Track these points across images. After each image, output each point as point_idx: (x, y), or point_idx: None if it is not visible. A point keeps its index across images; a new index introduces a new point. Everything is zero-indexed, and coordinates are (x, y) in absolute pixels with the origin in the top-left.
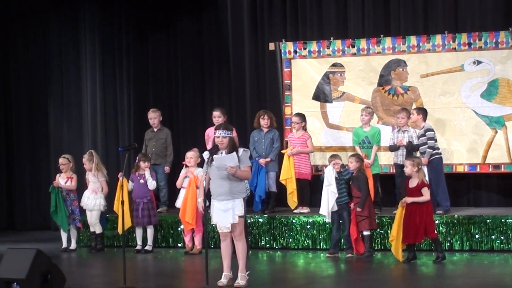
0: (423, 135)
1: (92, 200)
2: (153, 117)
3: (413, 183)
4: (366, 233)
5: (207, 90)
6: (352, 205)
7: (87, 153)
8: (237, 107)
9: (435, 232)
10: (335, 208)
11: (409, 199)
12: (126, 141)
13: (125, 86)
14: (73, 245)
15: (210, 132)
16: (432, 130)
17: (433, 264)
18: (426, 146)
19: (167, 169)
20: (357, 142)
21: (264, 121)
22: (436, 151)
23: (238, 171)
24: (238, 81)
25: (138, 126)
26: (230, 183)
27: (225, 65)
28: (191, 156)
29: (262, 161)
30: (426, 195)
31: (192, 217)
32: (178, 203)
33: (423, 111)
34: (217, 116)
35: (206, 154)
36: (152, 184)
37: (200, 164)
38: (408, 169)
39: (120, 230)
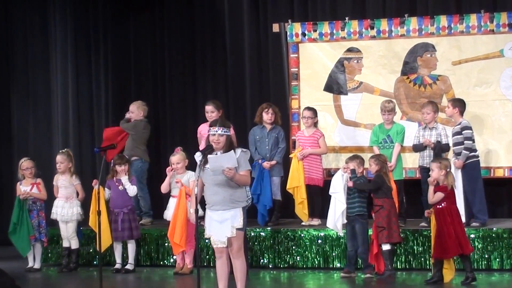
0: (459, 133)
1: (68, 209)
2: (131, 109)
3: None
4: (385, 247)
5: (199, 80)
6: (373, 214)
7: (63, 151)
8: (235, 100)
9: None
10: (344, 221)
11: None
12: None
13: (103, 75)
14: (37, 264)
15: (203, 129)
16: (470, 128)
17: (462, 287)
18: (462, 146)
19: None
20: (376, 142)
21: (267, 116)
22: (473, 153)
23: (237, 174)
24: (236, 70)
25: (118, 122)
26: (227, 190)
27: (221, 51)
28: (176, 160)
29: (266, 164)
30: (436, 198)
31: (181, 237)
32: (168, 215)
33: (459, 103)
34: (210, 111)
35: (198, 156)
36: (132, 190)
37: (192, 167)
38: (434, 173)
39: (98, 248)
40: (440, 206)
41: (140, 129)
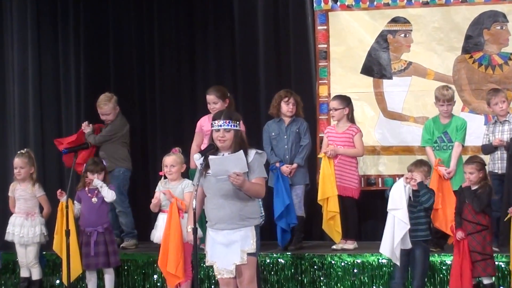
0: None
1: (28, 229)
2: (105, 112)
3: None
4: (487, 281)
5: (199, 61)
6: (460, 234)
7: (22, 152)
8: (246, 87)
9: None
10: (408, 246)
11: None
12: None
13: (72, 56)
14: None
15: (204, 123)
16: None
17: None
18: None
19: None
20: (430, 141)
21: (287, 107)
22: None
23: (247, 182)
24: (246, 47)
25: (92, 115)
26: (236, 202)
27: (227, 23)
28: (171, 162)
29: (285, 168)
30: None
31: (177, 265)
32: (156, 236)
33: None
34: (212, 102)
35: (197, 157)
36: (110, 194)
37: (188, 174)
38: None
39: (65, 279)
40: None
41: (120, 128)
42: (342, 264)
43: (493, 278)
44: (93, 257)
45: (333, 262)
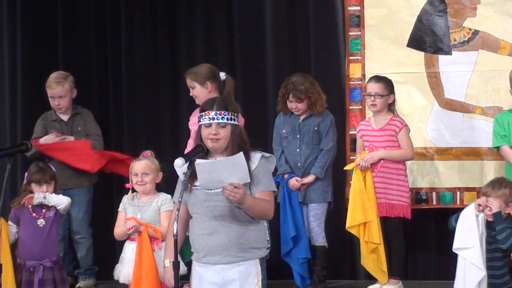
0: None
1: None
2: (58, 93)
3: None
4: None
5: (181, 34)
6: None
7: None
8: (246, 67)
9: None
10: None
11: None
12: (8, 139)
13: (6, 29)
14: None
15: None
16: None
17: None
18: None
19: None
20: (506, 139)
21: (291, 104)
22: None
23: (249, 198)
24: (247, 13)
25: (35, 107)
26: (233, 226)
27: None
28: (143, 169)
29: (294, 182)
30: None
31: None
32: (122, 275)
33: None
34: (189, 86)
35: (179, 164)
36: (61, 200)
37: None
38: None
39: None
40: None
41: (93, 122)
42: None
43: None
44: None
45: None
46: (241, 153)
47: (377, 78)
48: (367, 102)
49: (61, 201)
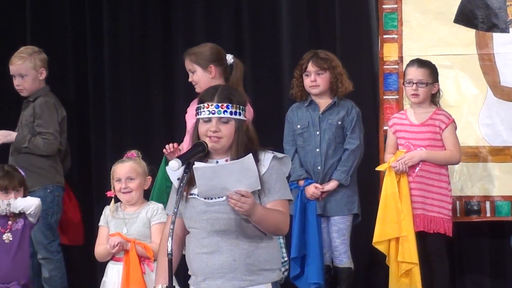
0: None
1: None
2: (18, 71)
3: None
4: None
5: (177, 8)
6: None
7: None
8: (257, 49)
9: None
10: None
11: None
12: None
13: None
14: None
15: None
16: None
17: None
18: None
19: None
20: None
21: (308, 79)
22: None
23: (260, 208)
24: None
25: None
26: (240, 243)
27: None
28: (127, 173)
29: (313, 190)
30: None
31: None
32: None
33: None
34: (188, 69)
35: (174, 166)
36: (28, 202)
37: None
38: None
39: None
40: None
41: (53, 118)
42: None
43: None
44: None
45: None
46: (250, 155)
47: (421, 62)
48: (407, 92)
49: (28, 204)
